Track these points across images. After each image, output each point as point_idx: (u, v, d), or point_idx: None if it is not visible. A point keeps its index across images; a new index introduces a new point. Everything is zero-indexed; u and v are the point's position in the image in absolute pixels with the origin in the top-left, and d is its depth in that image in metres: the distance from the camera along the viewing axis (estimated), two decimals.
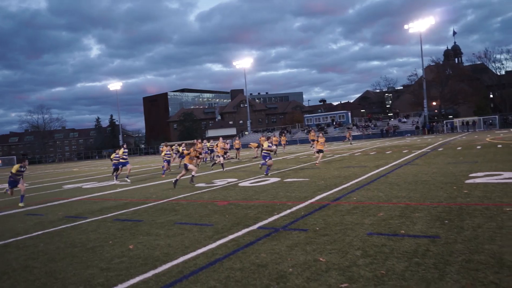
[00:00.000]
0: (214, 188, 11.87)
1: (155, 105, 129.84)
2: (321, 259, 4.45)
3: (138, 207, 9.43)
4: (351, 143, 38.46)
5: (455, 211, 6.22)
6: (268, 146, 14.74)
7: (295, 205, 7.85)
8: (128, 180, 16.60)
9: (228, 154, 22.24)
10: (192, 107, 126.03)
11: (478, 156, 14.63)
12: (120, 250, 5.62)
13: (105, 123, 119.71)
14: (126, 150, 17.38)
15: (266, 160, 14.41)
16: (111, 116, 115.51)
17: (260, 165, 14.55)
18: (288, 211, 7.37)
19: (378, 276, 3.82)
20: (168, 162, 19.86)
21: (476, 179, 9.10)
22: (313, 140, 34.03)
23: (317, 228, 5.85)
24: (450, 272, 3.75)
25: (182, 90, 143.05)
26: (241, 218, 7.06)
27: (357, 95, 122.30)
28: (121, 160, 17.11)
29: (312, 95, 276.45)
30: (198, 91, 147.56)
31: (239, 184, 12.22)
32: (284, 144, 33.40)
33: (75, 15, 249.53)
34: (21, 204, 11.22)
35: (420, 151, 19.85)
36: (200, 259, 4.85)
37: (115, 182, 16.78)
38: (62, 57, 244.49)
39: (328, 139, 55.47)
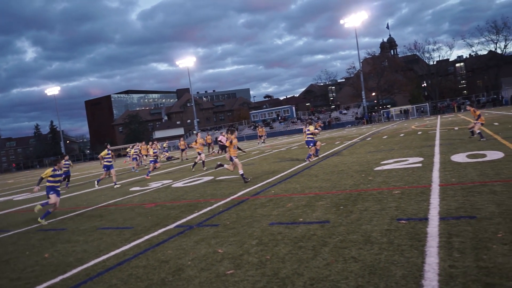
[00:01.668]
0: (147, 191, 12.03)
1: (98, 108, 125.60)
2: (219, 250, 4.88)
3: (66, 216, 9.44)
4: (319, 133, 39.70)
5: (353, 197, 6.90)
6: (315, 129, 14.20)
7: (217, 202, 8.26)
8: (118, 184, 14.77)
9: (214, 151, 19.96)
10: (137, 108, 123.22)
11: (397, 144, 15.81)
12: (34, 260, 5.74)
13: (45, 130, 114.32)
14: (109, 152, 15.76)
15: (311, 145, 13.98)
16: (51, 122, 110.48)
17: (310, 156, 13.77)
18: (209, 208, 7.76)
19: (262, 261, 4.30)
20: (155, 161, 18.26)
21: (385, 166, 9.97)
22: (261, 136, 34.76)
23: (228, 223, 6.29)
24: (323, 252, 4.31)
25: (127, 92, 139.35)
26: (162, 219, 7.36)
27: (304, 89, 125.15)
28: (105, 163, 15.40)
29: (260, 91, 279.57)
30: (143, 92, 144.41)
31: (173, 185, 12.46)
32: None
33: (4, 17, 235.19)
34: (42, 221, 8.78)
35: (350, 142, 21.03)
36: (110, 261, 5.12)
37: (116, 185, 14.61)
38: None
39: (275, 134, 56.70)
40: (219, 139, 22.00)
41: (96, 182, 15.80)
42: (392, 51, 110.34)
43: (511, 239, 3.89)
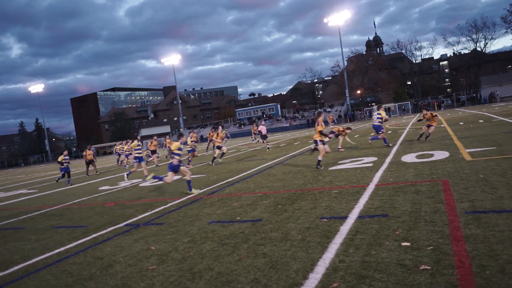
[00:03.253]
0: (114, 190, 12.30)
1: (84, 106, 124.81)
2: (152, 248, 5.21)
3: (29, 215, 9.67)
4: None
5: (295, 196, 7.28)
6: (386, 115, 13.48)
7: (172, 201, 8.59)
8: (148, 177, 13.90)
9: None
10: (124, 106, 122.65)
11: (362, 143, 16.28)
12: None
13: (30, 127, 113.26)
14: (140, 144, 14.84)
15: (380, 132, 13.43)
16: (37, 119, 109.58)
17: (385, 144, 13.25)
18: (163, 207, 8.09)
19: (185, 257, 4.65)
20: (192, 150, 18.05)
21: (340, 166, 10.38)
22: (255, 133, 34.84)
23: (172, 221, 6.63)
24: (241, 248, 4.67)
25: (113, 89, 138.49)
26: (116, 218, 7.67)
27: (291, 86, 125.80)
28: (136, 154, 14.50)
29: (249, 88, 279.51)
30: (130, 90, 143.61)
31: (140, 185, 12.74)
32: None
33: None
34: (195, 191, 9.41)
35: None
36: (51, 258, 5.42)
37: (126, 182, 13.98)
38: None
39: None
40: (259, 129, 22.64)
41: (125, 176, 14.57)
42: (377, 49, 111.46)
43: (404, 236, 4.29)
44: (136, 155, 14.65)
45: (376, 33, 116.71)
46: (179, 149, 9.46)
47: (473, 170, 7.33)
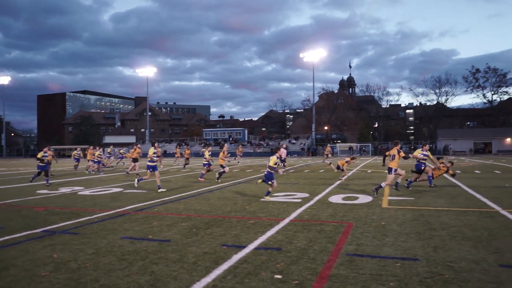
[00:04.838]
0: (51, 195, 12.28)
1: (51, 104, 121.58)
2: (55, 255, 5.42)
3: None
4: (328, 160, 29.72)
5: (214, 222, 7.64)
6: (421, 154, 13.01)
7: (101, 213, 8.76)
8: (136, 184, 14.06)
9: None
10: (92, 110, 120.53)
11: (307, 179, 16.91)
12: None
13: None
14: (156, 151, 13.52)
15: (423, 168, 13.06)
16: None
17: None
18: (88, 217, 8.25)
19: (80, 267, 4.89)
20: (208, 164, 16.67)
21: (272, 198, 10.83)
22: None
23: (88, 232, 6.83)
24: (136, 265, 4.95)
25: (84, 92, 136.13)
26: (38, 223, 7.76)
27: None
28: (149, 163, 13.10)
29: (224, 109, 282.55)
30: (101, 94, 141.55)
31: (79, 193, 12.76)
32: (177, 156, 33.55)
33: None
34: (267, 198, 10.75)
35: None
36: None
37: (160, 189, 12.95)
38: None
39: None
40: (279, 151, 22.23)
41: (135, 183, 13.80)
42: (350, 89, 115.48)
43: (282, 269, 4.72)
44: (149, 164, 13.24)
45: (350, 74, 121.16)
46: (276, 163, 10.96)
47: (380, 217, 7.95)
